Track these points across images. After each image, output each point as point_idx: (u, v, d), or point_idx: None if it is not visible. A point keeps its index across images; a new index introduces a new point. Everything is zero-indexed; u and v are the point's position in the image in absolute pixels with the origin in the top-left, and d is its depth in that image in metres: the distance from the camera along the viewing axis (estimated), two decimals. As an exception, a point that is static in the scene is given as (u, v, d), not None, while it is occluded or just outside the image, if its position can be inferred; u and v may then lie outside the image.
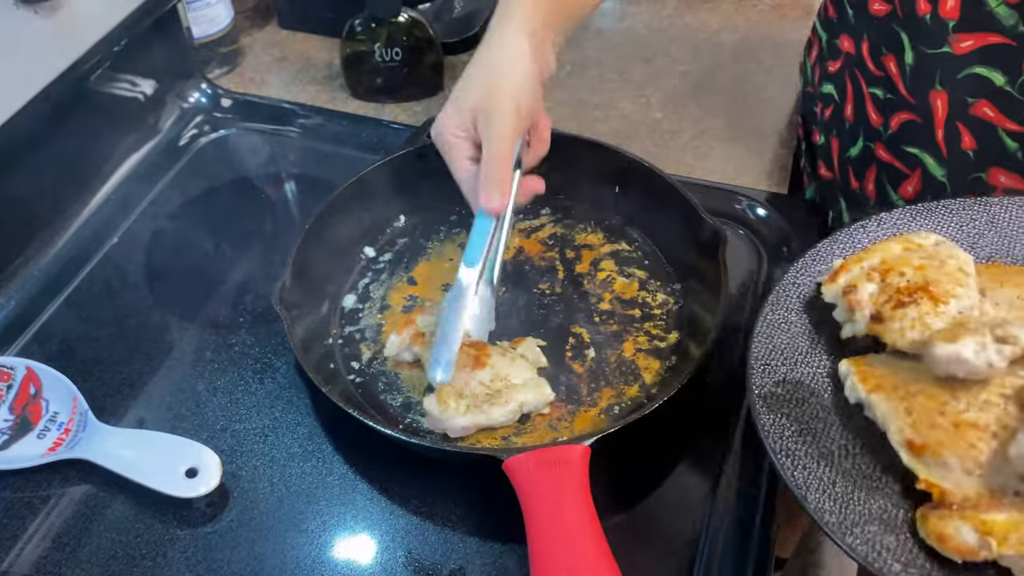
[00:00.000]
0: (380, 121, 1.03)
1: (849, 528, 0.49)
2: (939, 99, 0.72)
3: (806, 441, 0.54)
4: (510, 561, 0.65)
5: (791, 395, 0.56)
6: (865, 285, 0.57)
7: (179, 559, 0.65)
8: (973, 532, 0.45)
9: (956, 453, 0.48)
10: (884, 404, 0.52)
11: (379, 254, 0.86)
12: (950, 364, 0.50)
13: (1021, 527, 0.44)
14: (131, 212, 0.92)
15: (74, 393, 0.72)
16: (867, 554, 0.47)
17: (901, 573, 0.47)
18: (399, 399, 0.74)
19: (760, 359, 0.58)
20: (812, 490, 0.50)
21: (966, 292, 0.55)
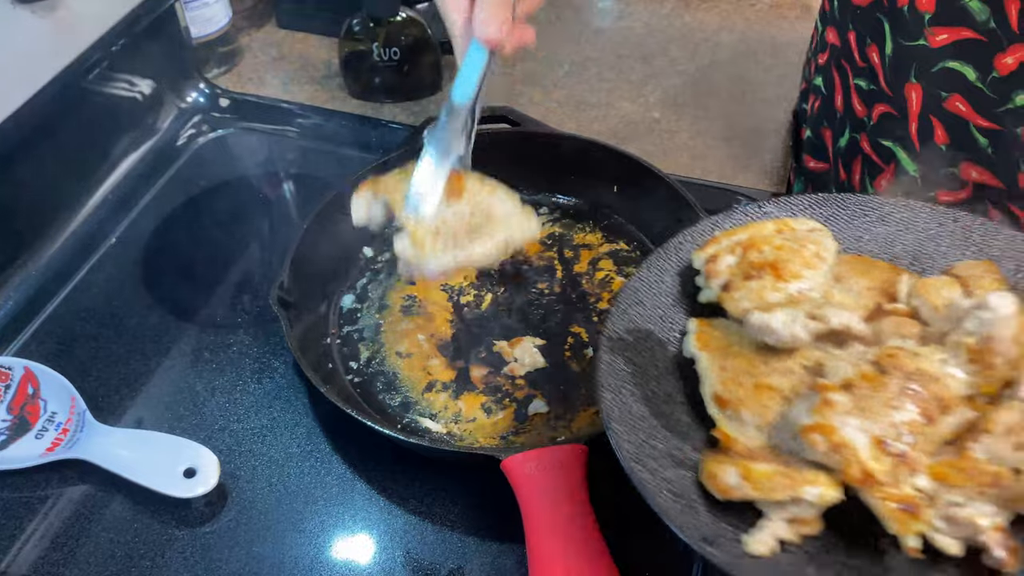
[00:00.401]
0: (378, 121, 1.03)
1: (640, 459, 0.52)
2: (914, 92, 0.73)
3: (636, 383, 0.57)
4: (508, 561, 0.65)
5: (638, 342, 0.59)
6: (726, 257, 0.61)
7: (177, 559, 0.65)
8: (737, 475, 0.50)
9: (751, 411, 0.53)
10: (706, 360, 0.57)
11: (377, 254, 0.86)
12: (760, 331, 0.55)
13: (774, 479, 0.49)
14: (129, 212, 0.92)
15: (72, 393, 0.72)
16: (645, 481, 0.51)
17: (670, 501, 0.50)
18: (397, 399, 0.74)
19: (621, 307, 0.61)
20: (618, 421, 0.54)
21: (813, 275, 0.58)
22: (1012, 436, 0.48)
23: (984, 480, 0.47)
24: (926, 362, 0.51)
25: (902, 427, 0.48)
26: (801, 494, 0.48)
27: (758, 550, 0.49)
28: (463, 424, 0.72)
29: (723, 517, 0.51)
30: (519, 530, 0.59)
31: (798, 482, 0.49)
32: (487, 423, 0.72)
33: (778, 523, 0.50)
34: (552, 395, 0.74)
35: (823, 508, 0.49)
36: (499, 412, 0.73)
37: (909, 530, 0.46)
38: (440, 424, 0.72)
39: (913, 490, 0.47)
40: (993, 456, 0.48)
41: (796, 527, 0.50)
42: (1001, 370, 0.50)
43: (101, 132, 0.95)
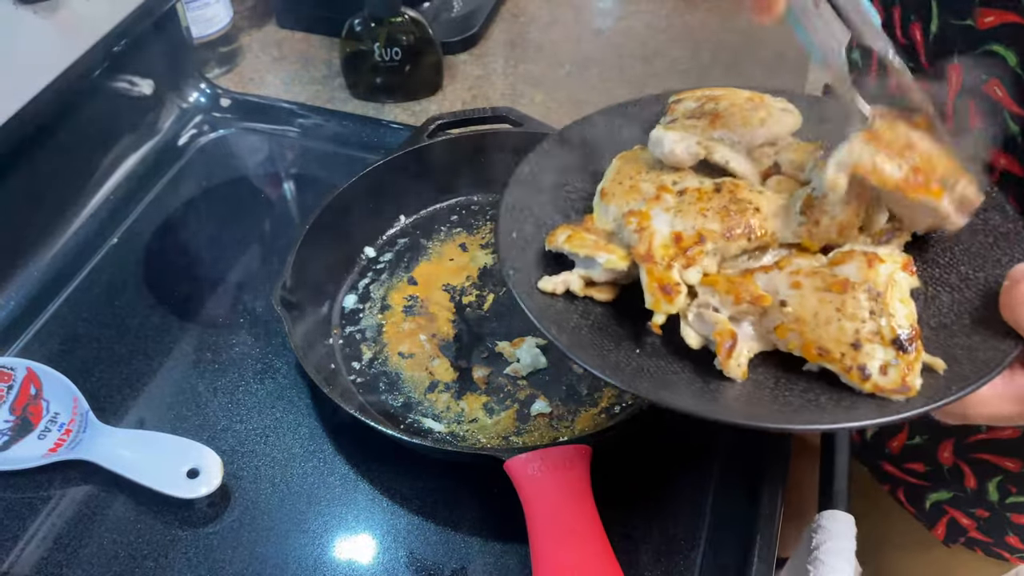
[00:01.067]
0: (380, 121, 1.03)
1: (513, 210, 0.59)
2: (954, 72, 0.71)
3: (557, 168, 0.63)
4: (511, 561, 0.65)
5: (584, 144, 0.65)
6: (689, 102, 0.65)
7: (180, 560, 0.65)
8: (566, 236, 0.57)
9: (617, 204, 0.58)
10: (613, 165, 0.62)
11: (379, 254, 0.86)
12: (653, 144, 0.59)
13: (586, 241, 0.56)
14: (131, 212, 0.92)
15: (75, 393, 0.72)
16: (504, 220, 0.58)
17: (510, 238, 0.58)
18: (400, 399, 0.74)
19: (593, 116, 0.66)
20: (521, 182, 0.61)
21: (744, 132, 0.61)
22: (795, 276, 0.52)
23: (745, 296, 0.52)
24: (760, 198, 0.56)
25: (702, 232, 0.54)
26: (596, 255, 0.55)
27: (544, 286, 0.56)
28: (465, 425, 0.72)
29: (542, 265, 0.58)
30: (522, 531, 0.59)
31: (599, 247, 0.56)
32: (489, 423, 0.72)
33: (573, 276, 0.56)
34: (554, 395, 0.74)
35: (611, 275, 0.55)
36: (501, 412, 0.73)
37: (660, 307, 0.52)
38: (443, 425, 0.72)
39: (679, 279, 0.53)
40: (770, 286, 0.52)
41: (588, 288, 0.56)
42: (825, 230, 0.54)
43: (103, 132, 0.94)
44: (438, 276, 0.84)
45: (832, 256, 0.53)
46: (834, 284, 0.51)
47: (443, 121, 0.88)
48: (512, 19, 1.21)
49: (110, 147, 0.95)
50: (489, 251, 0.86)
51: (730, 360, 0.51)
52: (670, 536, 0.66)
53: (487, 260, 0.85)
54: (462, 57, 1.14)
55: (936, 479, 0.85)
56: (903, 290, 0.51)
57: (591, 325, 0.55)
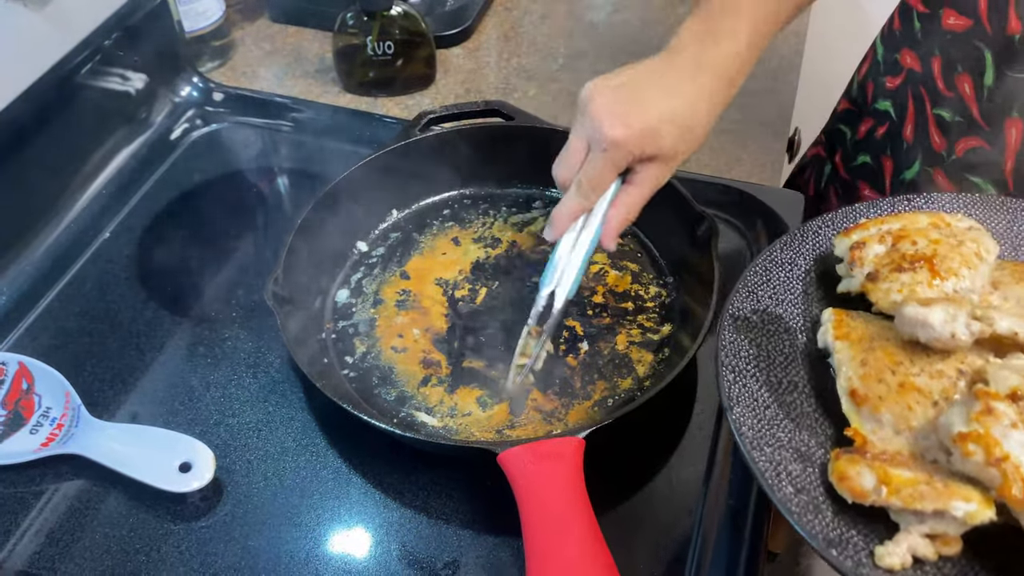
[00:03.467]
0: (372, 115, 1.03)
1: (760, 446, 0.50)
2: (1014, 128, 0.69)
3: (758, 366, 0.54)
4: (504, 554, 0.65)
5: (764, 324, 0.56)
6: (875, 245, 0.57)
7: (173, 553, 0.65)
8: (873, 478, 0.46)
9: (892, 411, 0.49)
10: (845, 351, 0.53)
11: (371, 248, 0.86)
12: (915, 327, 0.50)
13: (918, 486, 0.45)
14: (122, 207, 0.92)
15: (67, 388, 0.72)
16: (766, 471, 0.48)
17: (791, 495, 0.48)
18: (393, 393, 0.74)
19: (748, 286, 0.58)
20: (741, 404, 0.51)
21: (971, 275, 0.54)
22: None
23: None
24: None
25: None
26: (949, 508, 0.44)
27: (890, 563, 0.45)
28: (459, 418, 0.72)
29: (851, 522, 0.48)
30: (515, 523, 0.60)
31: (946, 495, 0.44)
32: (482, 417, 0.72)
33: (916, 537, 0.46)
34: (547, 388, 0.74)
35: (969, 527, 0.45)
36: (495, 406, 0.73)
37: None
38: (436, 418, 0.72)
39: None
40: None
41: (935, 544, 0.46)
42: None
43: (94, 127, 0.94)
44: (431, 270, 0.84)
45: None
46: None
47: (435, 115, 0.88)
48: (505, 13, 1.20)
49: (102, 141, 0.95)
50: (482, 245, 0.86)
51: None
52: (663, 528, 0.67)
53: (480, 254, 0.85)
54: (455, 51, 1.14)
55: None
56: None
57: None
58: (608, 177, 0.67)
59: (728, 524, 0.66)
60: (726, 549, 0.65)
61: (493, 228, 0.88)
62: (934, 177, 0.78)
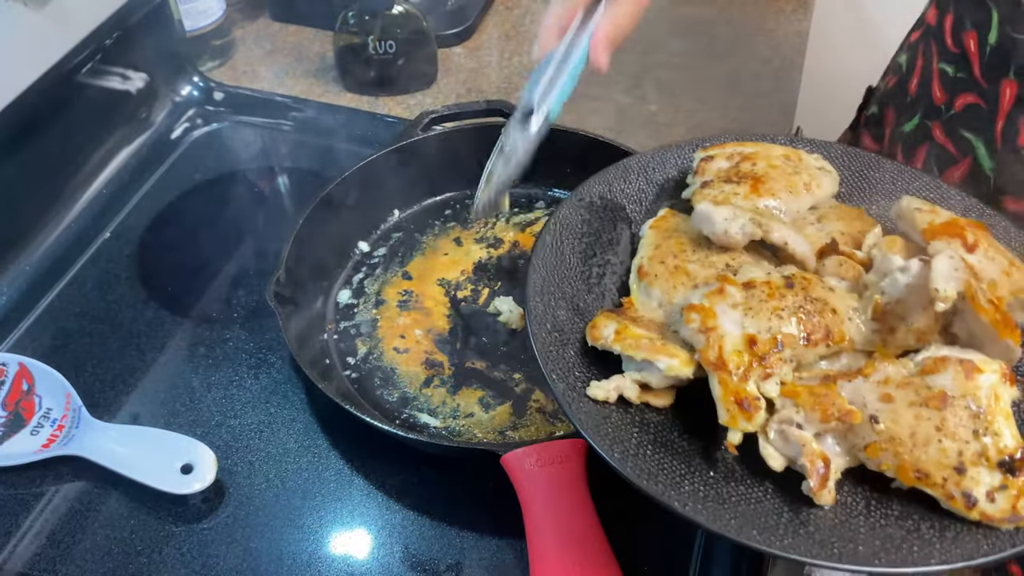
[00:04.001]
0: (373, 114, 1.02)
1: (542, 292, 0.55)
2: (1009, 88, 0.70)
3: (580, 238, 0.59)
4: (508, 556, 0.65)
5: (605, 209, 0.61)
6: (722, 161, 0.61)
7: (174, 555, 0.65)
8: (613, 329, 0.52)
9: (661, 287, 0.54)
10: (649, 237, 0.57)
11: (373, 249, 0.86)
12: (700, 220, 0.55)
13: (640, 339, 0.51)
14: (123, 206, 0.92)
15: (67, 389, 0.72)
16: (535, 308, 0.54)
17: (546, 331, 0.53)
18: (395, 394, 0.74)
19: (607, 175, 0.62)
20: (542, 259, 0.56)
21: (791, 200, 0.58)
22: (884, 387, 0.47)
23: (833, 412, 0.47)
24: (834, 297, 0.51)
25: (778, 336, 0.49)
26: (654, 359, 0.50)
27: (595, 393, 0.50)
28: (461, 419, 0.72)
29: (585, 365, 0.52)
30: (518, 525, 0.59)
31: (656, 350, 0.50)
32: (485, 418, 0.72)
33: (627, 381, 0.51)
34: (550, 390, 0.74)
35: (672, 381, 0.50)
36: (497, 407, 0.73)
37: (736, 424, 0.47)
38: (438, 419, 0.72)
39: (758, 392, 0.48)
40: (856, 397, 0.47)
41: (643, 393, 0.51)
42: (902, 337, 0.50)
43: (95, 126, 0.94)
44: (433, 270, 0.84)
45: (922, 363, 0.48)
46: (931, 399, 0.46)
47: (436, 115, 0.88)
48: (506, 11, 1.20)
49: (103, 141, 0.95)
50: (484, 245, 0.86)
51: (824, 490, 0.46)
52: (667, 529, 0.66)
53: (482, 254, 0.85)
54: (456, 50, 1.13)
55: None
56: (1006, 404, 0.46)
57: (653, 441, 0.49)
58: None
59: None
60: (731, 550, 0.65)
61: (495, 228, 0.88)
62: (931, 131, 0.79)
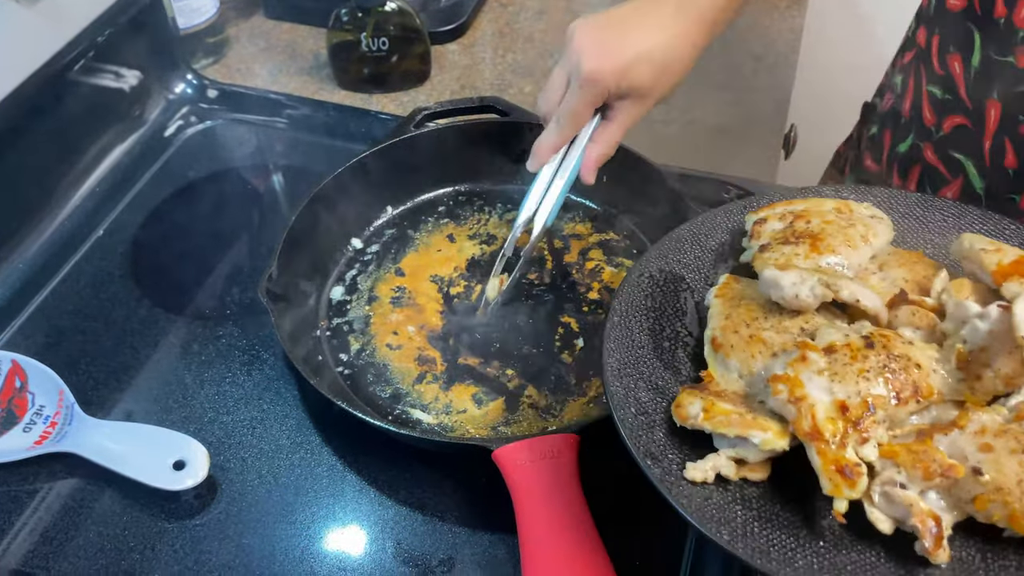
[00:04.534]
0: (367, 111, 1.02)
1: (620, 376, 0.55)
2: (994, 109, 0.70)
3: (646, 314, 0.59)
4: (499, 551, 0.65)
5: (666, 282, 0.62)
6: (775, 222, 0.61)
7: (167, 551, 0.65)
8: (700, 407, 0.52)
9: (739, 358, 0.54)
10: (717, 306, 0.58)
11: (366, 245, 0.86)
12: (768, 286, 0.55)
13: (730, 416, 0.51)
14: (117, 204, 0.92)
15: (60, 386, 0.72)
16: (615, 392, 0.54)
17: (631, 415, 0.53)
18: (388, 390, 0.74)
19: (662, 248, 0.63)
20: (615, 340, 0.57)
21: (851, 254, 0.58)
22: (981, 437, 0.47)
23: (934, 468, 0.46)
24: (916, 351, 0.51)
25: (868, 398, 0.48)
26: (748, 435, 0.50)
27: (693, 475, 0.50)
28: (454, 415, 0.72)
29: (676, 445, 0.52)
30: (510, 520, 0.59)
31: (748, 424, 0.50)
32: (478, 414, 0.72)
33: (723, 459, 0.51)
34: (543, 385, 0.74)
35: (768, 455, 0.50)
36: (489, 403, 0.73)
37: (840, 493, 0.47)
38: (431, 415, 0.72)
39: (857, 458, 0.47)
40: (955, 450, 0.47)
41: (740, 468, 0.51)
42: (989, 383, 0.50)
43: (88, 124, 0.94)
44: (426, 267, 0.84)
45: (1016, 408, 0.48)
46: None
47: (429, 111, 0.88)
48: (501, 8, 1.20)
49: (96, 138, 0.95)
50: (477, 242, 0.86)
51: (940, 549, 0.46)
52: (658, 524, 0.66)
53: (475, 251, 0.85)
54: (450, 47, 1.13)
55: None
56: None
57: (758, 517, 0.49)
58: (585, 112, 0.71)
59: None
60: (722, 545, 0.65)
61: (488, 225, 0.88)
62: (923, 151, 0.79)
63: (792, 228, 0.60)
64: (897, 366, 0.50)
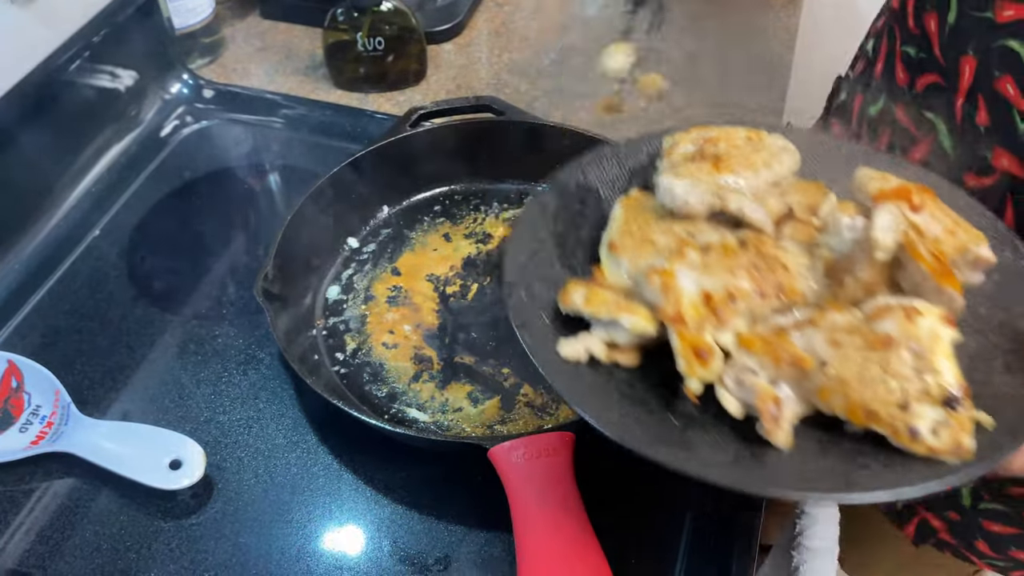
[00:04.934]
0: (363, 111, 1.02)
1: (518, 268, 0.58)
2: (968, 66, 0.71)
3: (555, 220, 0.62)
4: (495, 549, 0.65)
5: (579, 192, 0.64)
6: (687, 145, 0.63)
7: (163, 551, 0.65)
8: (582, 295, 0.55)
9: (628, 257, 0.57)
10: (619, 213, 0.60)
11: (362, 245, 0.86)
12: (662, 193, 0.58)
13: (607, 301, 0.54)
14: (113, 204, 0.92)
15: (56, 386, 0.72)
16: (511, 282, 0.57)
17: (521, 298, 0.56)
18: (384, 390, 0.74)
19: (581, 163, 0.65)
20: (520, 241, 0.60)
21: (752, 176, 0.60)
22: (832, 334, 0.50)
23: (784, 358, 0.49)
24: (786, 256, 0.55)
25: (733, 291, 0.52)
26: (619, 318, 0.53)
27: (565, 351, 0.53)
28: (450, 414, 0.72)
29: (559, 329, 0.56)
30: (506, 518, 0.60)
31: (620, 308, 0.54)
32: (474, 413, 0.72)
33: (595, 339, 0.54)
34: (538, 384, 0.74)
35: (636, 339, 0.54)
36: (486, 401, 0.73)
37: (694, 373, 0.50)
38: (427, 414, 0.72)
39: (714, 342, 0.51)
40: (808, 345, 0.50)
41: (611, 351, 0.54)
42: (850, 289, 0.53)
43: (83, 124, 0.94)
44: (422, 266, 0.84)
45: (869, 311, 0.51)
46: (876, 342, 0.49)
47: (425, 111, 0.88)
48: (496, 8, 1.20)
49: (92, 139, 0.95)
50: (473, 241, 0.86)
51: (777, 429, 0.49)
52: (654, 522, 0.67)
53: (471, 250, 0.85)
54: (446, 47, 1.13)
55: None
56: (946, 345, 0.49)
57: (620, 395, 0.53)
58: None
59: (721, 516, 0.66)
60: (718, 544, 0.65)
61: (484, 224, 0.88)
62: (896, 112, 0.80)
63: (701, 150, 0.62)
64: (764, 265, 0.53)
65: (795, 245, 0.56)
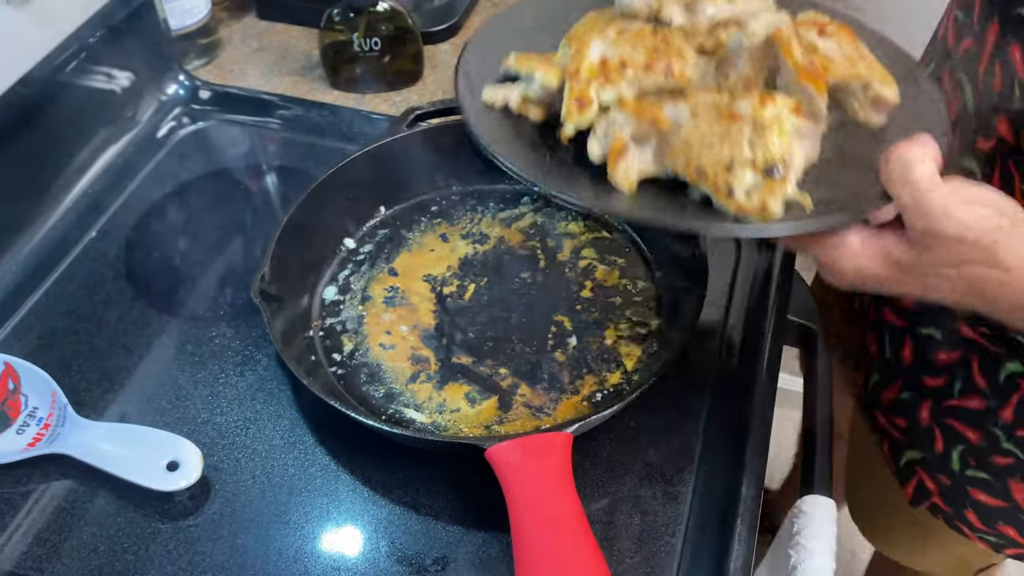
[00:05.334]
0: (360, 111, 1.02)
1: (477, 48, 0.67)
2: (992, 32, 0.72)
3: (534, 28, 0.68)
4: (493, 549, 0.65)
5: (551, 18, 0.68)
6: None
7: (161, 552, 0.65)
8: (515, 58, 0.64)
9: (575, 45, 0.62)
10: (589, 15, 0.65)
11: (359, 245, 0.86)
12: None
13: (530, 61, 0.63)
14: (109, 206, 0.92)
15: (53, 388, 0.72)
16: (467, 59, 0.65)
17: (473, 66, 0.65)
18: (381, 390, 0.74)
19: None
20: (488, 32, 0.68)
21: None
22: (696, 107, 0.56)
23: (647, 117, 0.57)
24: (688, 49, 0.61)
25: (626, 60, 0.60)
26: (533, 72, 0.61)
27: (486, 96, 0.63)
28: (447, 414, 0.72)
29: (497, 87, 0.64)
30: (504, 519, 0.60)
31: (537, 65, 0.62)
32: (471, 413, 0.72)
33: (514, 91, 0.62)
34: (536, 384, 0.74)
35: (543, 92, 0.61)
36: (483, 402, 0.73)
37: (572, 118, 0.59)
38: (424, 414, 0.72)
39: (595, 96, 0.59)
40: (674, 114, 0.57)
41: (523, 104, 0.62)
42: (733, 82, 0.59)
43: (80, 125, 0.94)
44: (419, 267, 0.84)
45: (733, 92, 0.58)
46: (726, 115, 0.55)
47: (422, 111, 0.88)
48: (493, 8, 1.20)
49: (88, 140, 0.95)
50: (470, 241, 0.86)
51: (617, 169, 0.57)
52: (651, 523, 0.67)
53: (468, 250, 0.85)
54: (443, 47, 1.13)
55: (913, 437, 0.86)
56: (785, 127, 0.55)
57: (518, 137, 0.62)
58: None
59: (717, 518, 0.66)
60: (715, 543, 0.65)
61: (481, 224, 0.88)
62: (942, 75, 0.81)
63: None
64: (664, 49, 0.60)
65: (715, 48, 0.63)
